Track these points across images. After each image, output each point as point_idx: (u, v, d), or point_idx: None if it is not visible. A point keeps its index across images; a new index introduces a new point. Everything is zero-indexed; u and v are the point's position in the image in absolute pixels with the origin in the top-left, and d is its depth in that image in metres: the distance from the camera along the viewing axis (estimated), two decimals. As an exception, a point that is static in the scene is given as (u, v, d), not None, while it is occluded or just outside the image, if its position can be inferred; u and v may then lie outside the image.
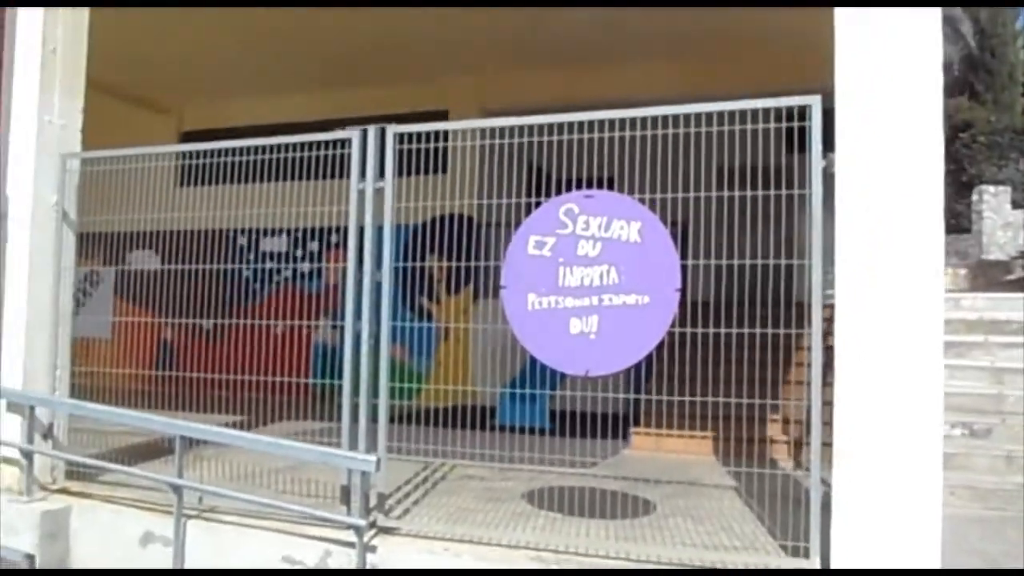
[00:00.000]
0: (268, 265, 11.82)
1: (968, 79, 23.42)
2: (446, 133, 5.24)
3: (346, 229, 4.96)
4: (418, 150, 4.89)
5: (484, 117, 10.62)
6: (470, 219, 5.96)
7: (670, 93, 8.92)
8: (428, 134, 4.88)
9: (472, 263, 7.59)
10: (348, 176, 4.93)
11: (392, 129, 4.81)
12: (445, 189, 5.28)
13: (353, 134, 4.86)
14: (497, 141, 5.04)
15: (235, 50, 10.11)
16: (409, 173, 5.02)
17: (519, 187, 6.28)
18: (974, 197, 17.86)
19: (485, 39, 9.59)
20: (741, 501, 5.62)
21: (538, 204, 4.66)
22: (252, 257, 11.72)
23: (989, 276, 13.64)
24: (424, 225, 5.26)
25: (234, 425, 6.96)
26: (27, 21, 5.75)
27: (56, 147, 5.79)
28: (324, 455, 4.71)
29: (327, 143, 5.06)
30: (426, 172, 4.99)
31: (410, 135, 4.87)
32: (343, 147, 4.98)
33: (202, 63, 10.56)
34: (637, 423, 7.87)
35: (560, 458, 6.39)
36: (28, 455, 5.44)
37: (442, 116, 10.93)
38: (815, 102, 4.07)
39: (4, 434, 5.55)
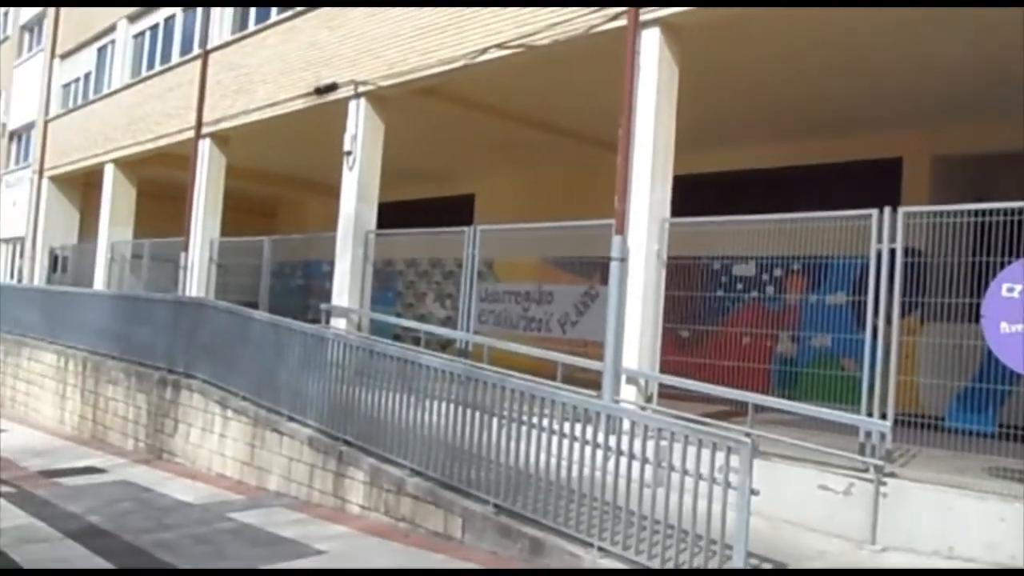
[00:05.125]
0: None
1: None
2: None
3: (805, 258, 8.03)
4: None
5: (934, 163, 12.37)
6: (917, 252, 7.40)
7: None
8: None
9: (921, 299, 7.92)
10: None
11: (903, 209, 7.26)
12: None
13: (872, 212, 7.38)
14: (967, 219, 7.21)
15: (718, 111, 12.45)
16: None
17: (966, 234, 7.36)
18: None
19: (937, 94, 10.85)
20: None
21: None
22: (725, 280, 14.30)
23: None
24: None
25: (722, 413, 9.02)
26: (642, 140, 9.00)
27: (658, 212, 8.97)
28: (856, 419, 7.26)
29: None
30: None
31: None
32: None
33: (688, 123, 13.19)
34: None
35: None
36: (643, 410, 8.63)
37: (895, 164, 12.83)
38: None
39: (624, 396, 8.82)
